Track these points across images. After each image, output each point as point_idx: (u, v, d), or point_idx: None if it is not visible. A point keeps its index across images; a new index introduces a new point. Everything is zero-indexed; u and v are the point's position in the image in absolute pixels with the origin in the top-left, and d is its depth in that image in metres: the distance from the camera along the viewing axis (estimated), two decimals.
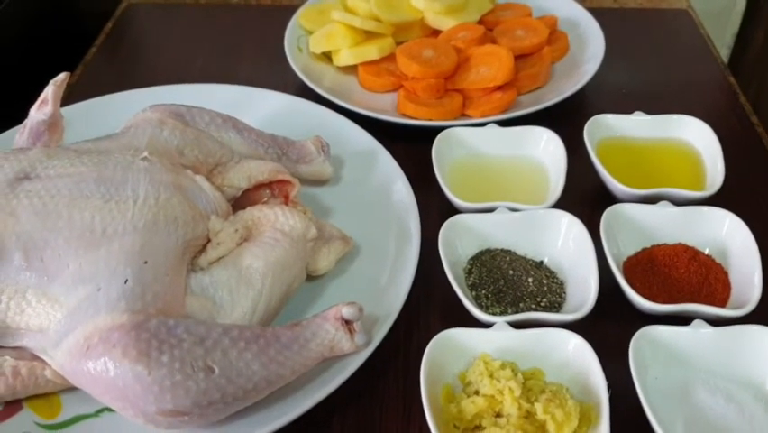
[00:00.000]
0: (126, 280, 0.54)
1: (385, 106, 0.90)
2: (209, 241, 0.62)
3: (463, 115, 0.88)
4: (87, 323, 0.52)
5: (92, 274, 0.54)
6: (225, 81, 0.91)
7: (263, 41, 1.05)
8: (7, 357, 0.56)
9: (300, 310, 0.65)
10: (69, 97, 0.89)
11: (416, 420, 0.59)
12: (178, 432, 0.54)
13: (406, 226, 0.71)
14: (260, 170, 0.69)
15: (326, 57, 0.99)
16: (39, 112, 0.74)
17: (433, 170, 0.75)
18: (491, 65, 0.89)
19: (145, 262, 0.55)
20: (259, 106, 0.86)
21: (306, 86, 0.91)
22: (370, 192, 0.76)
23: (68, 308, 0.54)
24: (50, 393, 0.58)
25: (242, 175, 0.68)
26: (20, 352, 0.57)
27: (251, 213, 0.64)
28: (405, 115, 0.88)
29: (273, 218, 0.63)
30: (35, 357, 0.56)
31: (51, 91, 0.74)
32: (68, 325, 0.53)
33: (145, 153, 0.64)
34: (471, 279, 0.66)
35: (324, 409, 0.58)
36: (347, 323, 0.57)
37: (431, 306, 0.68)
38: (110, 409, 0.57)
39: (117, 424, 0.56)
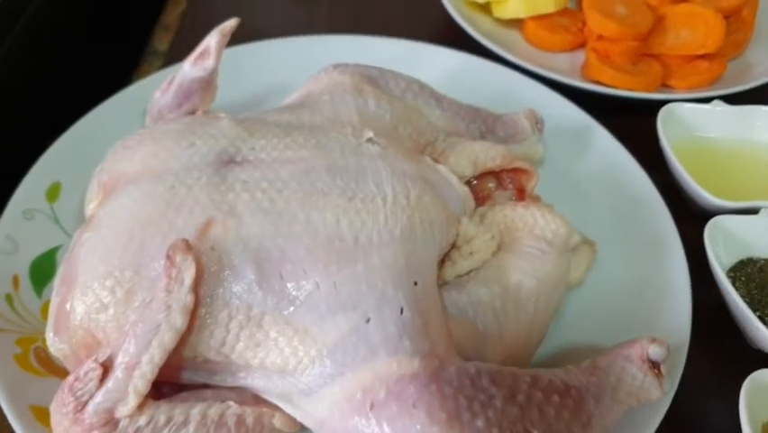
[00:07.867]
0: (402, 310, 0.42)
1: (560, 69, 0.77)
2: (453, 248, 0.50)
3: (664, 86, 0.76)
4: (361, 368, 0.40)
5: (353, 299, 0.42)
6: (355, 32, 0.77)
7: None
8: (231, 403, 0.43)
9: None
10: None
11: None
12: None
13: (651, 223, 0.59)
14: (490, 154, 0.55)
15: (480, 7, 0.85)
16: (196, 67, 0.60)
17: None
18: (696, 29, 0.76)
19: (415, 284, 0.43)
20: (426, 66, 0.71)
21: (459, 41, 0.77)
22: (587, 179, 0.64)
23: (326, 345, 0.41)
24: None
25: (465, 160, 0.55)
26: (239, 393, 0.44)
27: (502, 213, 0.51)
28: (595, 82, 0.75)
29: (531, 221, 0.51)
30: (259, 400, 0.44)
31: (216, 42, 0.59)
32: (330, 367, 0.41)
33: (371, 134, 0.50)
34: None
35: None
36: (653, 365, 0.46)
37: None
38: None
39: None
